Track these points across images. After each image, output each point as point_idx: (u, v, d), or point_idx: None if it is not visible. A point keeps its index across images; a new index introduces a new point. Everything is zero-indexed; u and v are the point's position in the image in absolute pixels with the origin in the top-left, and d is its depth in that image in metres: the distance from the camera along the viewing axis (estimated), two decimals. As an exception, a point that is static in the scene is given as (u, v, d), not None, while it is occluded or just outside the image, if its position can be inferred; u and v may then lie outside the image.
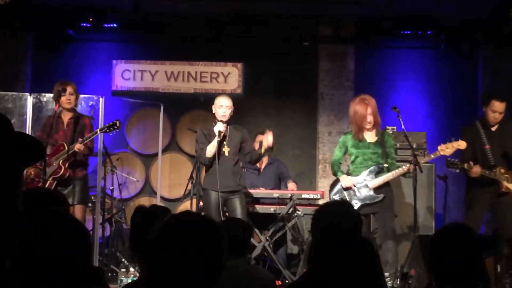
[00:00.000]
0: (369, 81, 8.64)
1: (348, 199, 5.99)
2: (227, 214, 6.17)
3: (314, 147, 8.90)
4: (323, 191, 7.38)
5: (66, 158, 6.24)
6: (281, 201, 6.58)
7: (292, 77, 8.91)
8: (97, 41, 8.92)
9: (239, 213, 6.04)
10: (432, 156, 6.16)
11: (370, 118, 6.04)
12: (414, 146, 6.98)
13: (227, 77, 8.30)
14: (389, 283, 5.67)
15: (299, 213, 6.54)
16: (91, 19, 8.44)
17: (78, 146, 6.19)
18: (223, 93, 8.18)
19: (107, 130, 6.44)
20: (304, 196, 6.89)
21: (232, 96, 6.73)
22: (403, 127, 5.92)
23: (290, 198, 6.61)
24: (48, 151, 6.27)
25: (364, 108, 6.04)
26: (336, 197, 6.12)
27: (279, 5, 8.22)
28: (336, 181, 6.25)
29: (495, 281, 5.75)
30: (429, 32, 8.62)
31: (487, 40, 8.68)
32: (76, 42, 8.88)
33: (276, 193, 6.78)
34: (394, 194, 6.34)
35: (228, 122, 6.24)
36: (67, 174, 6.26)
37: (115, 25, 8.55)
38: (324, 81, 8.84)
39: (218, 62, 8.36)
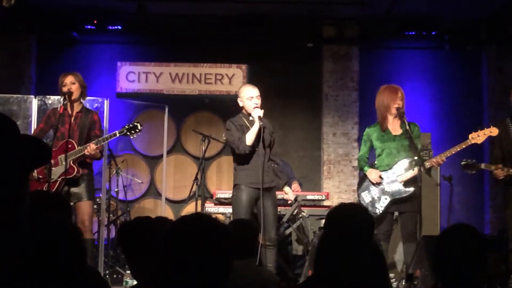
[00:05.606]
0: (373, 82, 8.55)
1: (377, 195, 5.82)
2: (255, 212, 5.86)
3: (319, 148, 8.90)
4: (328, 192, 7.38)
5: (77, 158, 5.70)
6: (286, 202, 6.56)
7: (296, 78, 8.92)
8: (102, 43, 8.95)
9: (270, 213, 5.69)
10: (463, 145, 5.75)
11: (400, 102, 5.78)
12: (419, 147, 6.91)
13: (231, 78, 8.31)
14: (394, 284, 5.65)
15: (304, 214, 6.54)
16: (95, 21, 8.46)
17: (90, 150, 5.63)
18: (227, 94, 8.26)
19: (128, 133, 5.80)
20: (309, 197, 6.88)
21: (236, 97, 6.71)
22: (407, 128, 5.83)
23: (295, 199, 6.58)
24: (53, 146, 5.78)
25: (394, 91, 5.80)
26: (365, 194, 5.88)
27: (283, 6, 8.23)
28: (364, 177, 5.98)
29: (500, 281, 5.73)
30: (433, 33, 8.62)
31: (491, 40, 8.68)
32: (81, 44, 8.90)
33: (280, 194, 6.76)
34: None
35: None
36: (79, 173, 5.75)
37: (119, 27, 8.57)
38: (328, 82, 8.84)
39: (223, 63, 8.38)
